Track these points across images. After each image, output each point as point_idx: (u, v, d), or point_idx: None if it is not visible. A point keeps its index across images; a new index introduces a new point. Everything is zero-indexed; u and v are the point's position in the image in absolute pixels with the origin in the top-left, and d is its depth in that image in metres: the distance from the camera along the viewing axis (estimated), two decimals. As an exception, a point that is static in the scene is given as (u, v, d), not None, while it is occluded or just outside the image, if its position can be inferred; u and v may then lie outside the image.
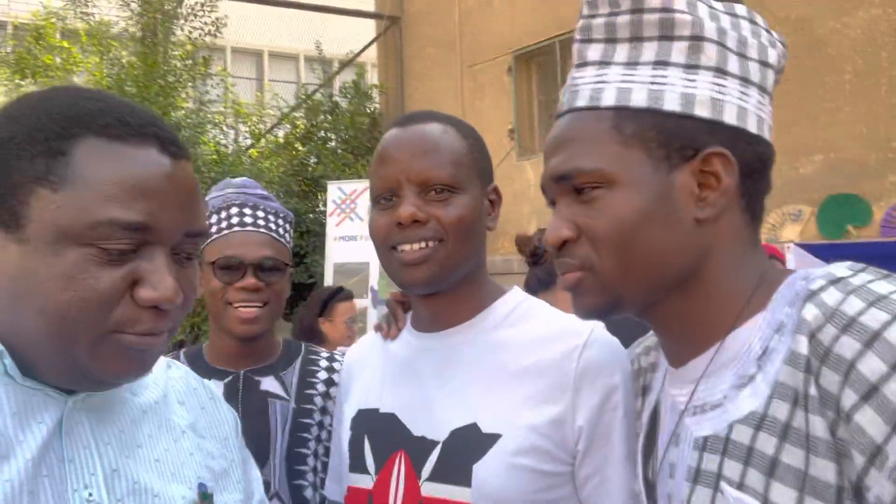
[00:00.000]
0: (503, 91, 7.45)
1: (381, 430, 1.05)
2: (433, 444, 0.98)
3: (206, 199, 1.39)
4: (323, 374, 1.42)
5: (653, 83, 0.76)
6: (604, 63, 0.80)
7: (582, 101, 0.80)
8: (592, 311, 0.81)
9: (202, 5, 9.23)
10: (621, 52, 0.79)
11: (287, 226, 1.45)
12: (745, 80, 0.77)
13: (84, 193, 0.65)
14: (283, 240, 1.42)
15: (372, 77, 9.62)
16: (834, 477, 0.62)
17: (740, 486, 0.69)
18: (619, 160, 0.75)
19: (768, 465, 0.67)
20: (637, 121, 0.76)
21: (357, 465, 1.05)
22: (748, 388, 0.72)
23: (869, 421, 0.59)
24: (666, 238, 0.75)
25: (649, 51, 0.77)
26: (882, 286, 0.64)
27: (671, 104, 0.75)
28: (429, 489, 0.96)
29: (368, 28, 10.38)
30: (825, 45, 5.01)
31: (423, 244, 0.97)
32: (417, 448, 0.99)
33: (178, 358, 1.36)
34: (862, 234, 4.79)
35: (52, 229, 0.65)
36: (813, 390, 0.64)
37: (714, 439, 0.73)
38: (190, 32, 9.16)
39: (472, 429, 0.96)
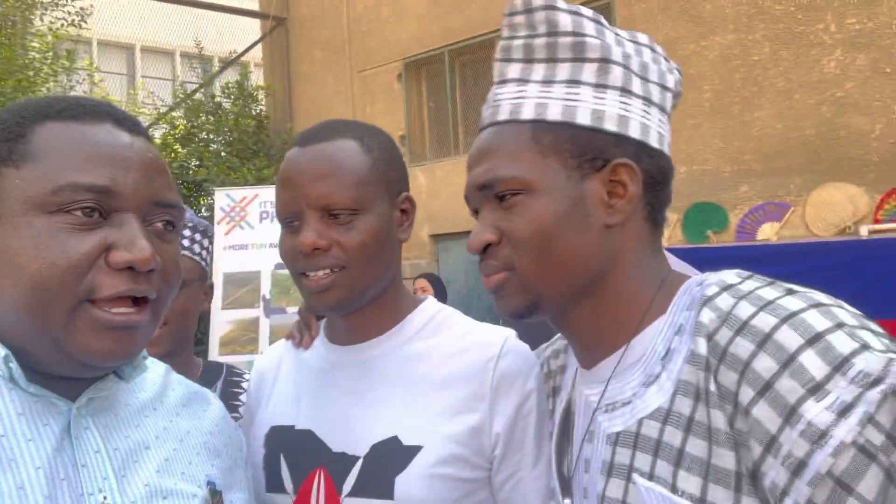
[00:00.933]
0: (393, 97, 7.50)
1: (298, 448, 1.03)
2: (354, 459, 0.97)
3: None
4: (245, 397, 1.37)
5: (567, 100, 0.83)
6: (522, 80, 0.86)
7: (503, 115, 0.85)
8: (514, 312, 0.85)
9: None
10: (538, 70, 0.85)
11: (204, 240, 1.39)
12: (647, 100, 0.84)
13: (45, 165, 0.68)
14: (191, 253, 1.35)
15: (256, 78, 9.33)
16: (734, 464, 0.68)
17: (651, 477, 0.74)
18: (537, 169, 0.81)
19: (675, 456, 0.73)
20: (553, 133, 0.82)
21: (274, 485, 1.03)
22: (654, 386, 0.77)
23: (765, 414, 0.65)
24: (580, 241, 0.81)
25: (563, 70, 0.84)
26: (768, 292, 0.71)
27: (583, 119, 0.82)
28: None
29: (249, 26, 10.04)
30: (687, 66, 5.43)
31: (326, 271, 0.95)
32: (337, 464, 0.98)
33: None
34: (720, 239, 5.22)
35: (19, 202, 0.67)
36: (713, 387, 0.70)
37: (625, 434, 0.79)
38: (52, 22, 8.45)
39: (393, 442, 0.96)
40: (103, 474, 0.71)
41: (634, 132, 0.83)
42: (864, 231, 4.68)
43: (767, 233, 5.07)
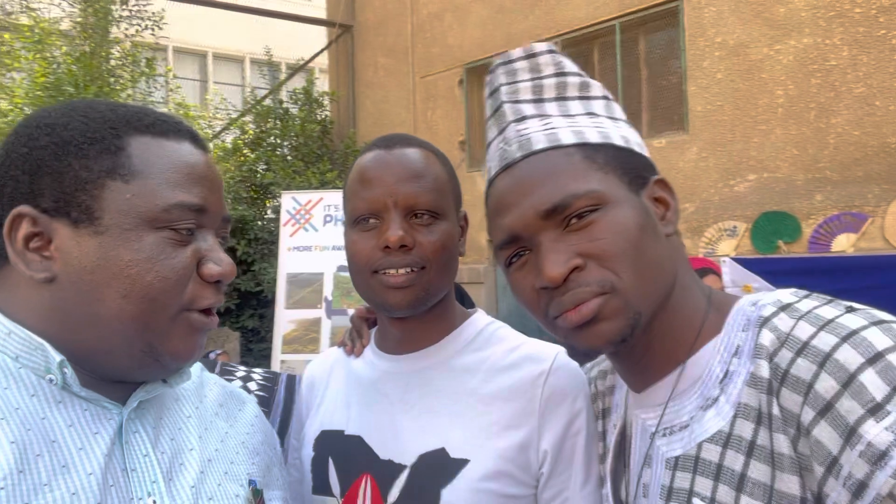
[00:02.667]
0: (454, 102, 7.55)
1: (346, 453, 1.04)
2: (401, 467, 0.98)
3: None
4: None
5: (596, 126, 0.84)
6: (542, 115, 0.86)
7: (539, 145, 0.83)
8: (614, 338, 0.78)
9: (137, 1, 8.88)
10: (551, 107, 0.87)
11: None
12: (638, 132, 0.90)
13: (152, 181, 0.71)
14: None
15: (322, 84, 9.55)
16: (798, 489, 0.67)
17: (712, 501, 0.73)
18: (604, 182, 0.80)
19: (737, 480, 0.71)
20: (601, 152, 0.82)
21: (321, 487, 1.04)
22: (713, 409, 0.76)
23: (826, 435, 0.64)
24: (660, 248, 0.80)
25: (576, 106, 0.87)
26: (827, 311, 0.70)
27: (618, 141, 0.84)
28: None
29: (316, 33, 10.30)
30: (759, 70, 5.28)
31: (407, 269, 0.97)
32: (384, 471, 0.98)
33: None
34: (791, 250, 5.04)
35: (129, 216, 0.70)
36: (776, 410, 0.69)
37: (685, 458, 0.77)
38: (126, 29, 8.82)
39: (441, 453, 0.96)
40: (152, 478, 0.72)
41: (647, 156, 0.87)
42: (950, 244, 4.41)
43: (843, 244, 4.85)
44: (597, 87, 0.88)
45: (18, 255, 0.69)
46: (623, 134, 0.85)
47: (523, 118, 0.86)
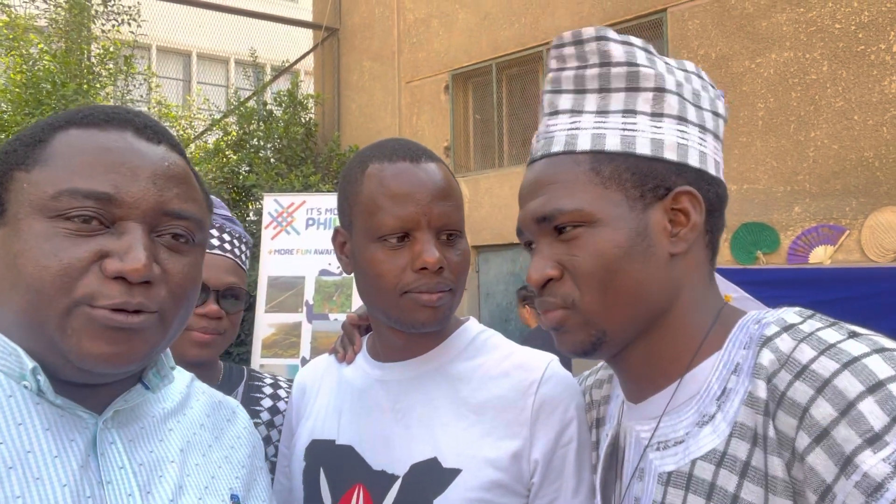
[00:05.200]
0: (440, 108, 7.55)
1: (338, 463, 1.02)
2: (393, 478, 0.97)
3: None
4: (267, 402, 1.36)
5: (624, 130, 0.81)
6: (575, 111, 0.84)
7: (557, 147, 0.83)
8: (577, 349, 0.82)
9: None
10: (591, 101, 0.83)
11: (247, 251, 1.39)
12: (702, 128, 0.83)
13: (52, 169, 0.68)
14: (245, 266, 1.36)
15: (306, 86, 9.50)
16: None
17: None
18: (598, 200, 0.79)
19: (729, 500, 0.70)
20: (613, 163, 0.80)
21: (312, 497, 1.03)
22: (709, 427, 0.75)
23: (820, 462, 0.63)
24: (645, 272, 0.78)
25: (618, 100, 0.82)
26: (830, 334, 0.68)
27: (643, 148, 0.80)
28: None
29: (302, 35, 10.25)
30: (741, 83, 5.35)
31: (441, 292, 0.95)
32: (377, 482, 0.98)
33: None
34: (770, 261, 5.09)
35: (23, 206, 0.67)
36: (771, 432, 0.68)
37: (677, 475, 0.76)
38: (103, 25, 8.66)
39: (433, 463, 0.96)
40: (128, 491, 0.70)
41: (693, 160, 0.81)
42: (924, 258, 4.50)
43: (821, 256, 4.91)
44: (650, 78, 0.82)
45: None
46: (658, 137, 0.81)
47: (555, 112, 0.85)
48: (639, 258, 0.78)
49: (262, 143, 8.51)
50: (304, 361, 4.38)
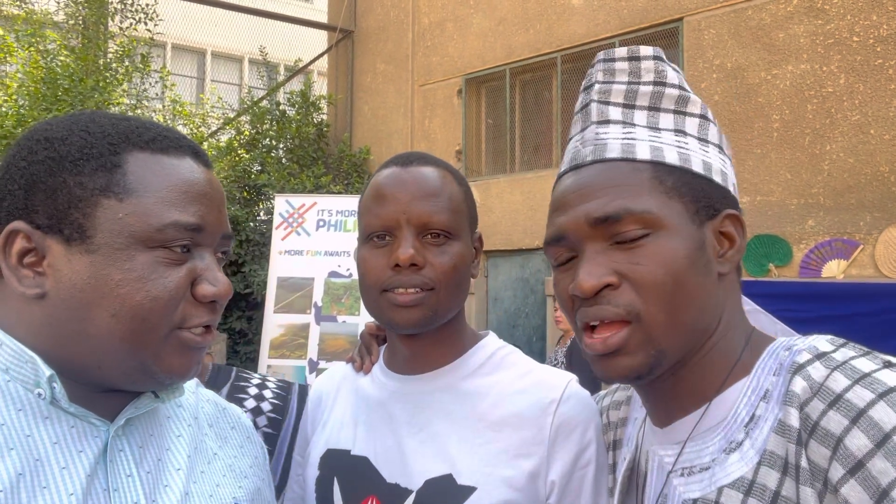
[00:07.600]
0: (452, 112, 7.55)
1: (352, 474, 1.02)
2: (406, 492, 0.96)
3: None
4: (251, 402, 1.36)
5: (679, 147, 0.81)
6: (627, 123, 0.83)
7: (613, 154, 0.81)
8: (631, 374, 0.77)
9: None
10: (640, 116, 0.84)
11: None
12: (730, 159, 0.86)
13: (146, 200, 0.70)
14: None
15: (320, 87, 9.52)
16: None
17: None
18: (665, 207, 0.77)
19: None
20: (674, 176, 0.79)
21: None
22: (736, 454, 0.73)
23: (855, 494, 0.61)
24: (704, 288, 0.77)
25: (667, 120, 0.83)
26: (864, 363, 0.67)
27: (697, 167, 0.81)
28: None
29: (316, 35, 10.28)
30: (756, 94, 5.32)
31: (416, 289, 0.95)
32: (390, 495, 0.97)
33: None
34: (782, 273, 5.05)
35: (122, 236, 0.69)
36: (804, 462, 0.66)
37: (703, 502, 0.74)
38: (121, 22, 8.72)
39: (448, 479, 0.95)
40: (134, 498, 0.71)
41: (732, 188, 0.83)
42: (938, 275, 4.45)
43: (834, 270, 4.87)
44: (696, 105, 0.84)
45: (12, 271, 0.69)
46: (707, 160, 0.81)
47: (606, 122, 0.84)
48: (701, 272, 0.77)
49: (274, 143, 8.54)
50: (311, 363, 4.38)
